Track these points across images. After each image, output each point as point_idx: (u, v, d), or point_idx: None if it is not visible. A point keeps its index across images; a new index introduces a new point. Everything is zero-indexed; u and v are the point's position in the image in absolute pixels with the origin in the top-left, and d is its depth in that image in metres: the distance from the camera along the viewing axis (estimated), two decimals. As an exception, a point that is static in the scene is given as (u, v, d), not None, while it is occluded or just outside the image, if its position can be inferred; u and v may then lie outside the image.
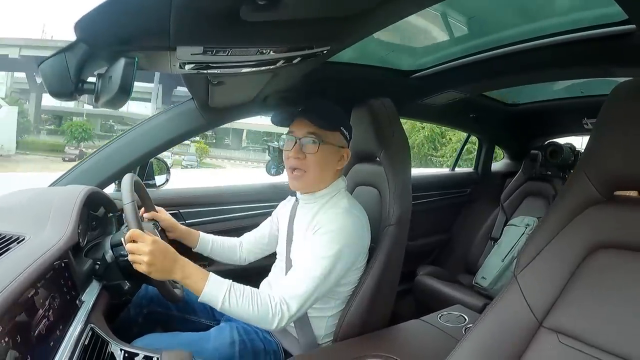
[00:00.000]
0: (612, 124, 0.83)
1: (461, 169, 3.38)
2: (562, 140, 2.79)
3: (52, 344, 0.83)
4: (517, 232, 2.50)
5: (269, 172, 2.23)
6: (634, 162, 0.77)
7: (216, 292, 1.10)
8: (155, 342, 1.19)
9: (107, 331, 1.06)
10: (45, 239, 0.97)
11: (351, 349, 1.30)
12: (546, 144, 2.70)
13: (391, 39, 1.73)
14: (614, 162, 0.81)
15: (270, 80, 1.36)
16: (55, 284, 0.91)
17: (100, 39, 0.78)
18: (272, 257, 1.55)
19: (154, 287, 1.20)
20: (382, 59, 1.87)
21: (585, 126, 2.62)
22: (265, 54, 1.00)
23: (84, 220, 1.28)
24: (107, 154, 1.61)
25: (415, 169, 2.09)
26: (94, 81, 0.82)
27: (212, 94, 1.43)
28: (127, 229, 1.14)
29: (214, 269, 1.89)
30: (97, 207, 1.44)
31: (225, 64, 1.05)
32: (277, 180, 2.21)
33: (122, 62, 0.75)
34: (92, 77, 0.82)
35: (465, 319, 1.60)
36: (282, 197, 1.63)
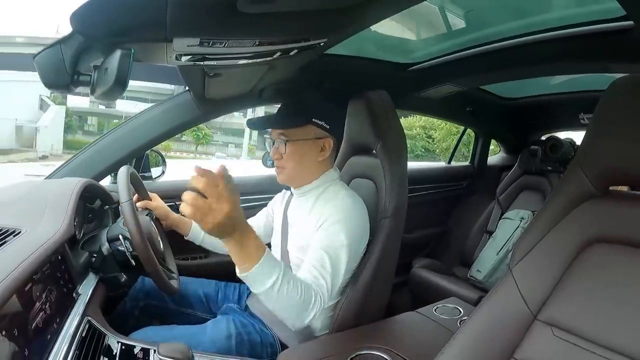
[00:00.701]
0: (609, 119, 0.83)
1: (457, 163, 3.38)
2: (561, 136, 2.79)
3: (49, 337, 0.83)
4: (512, 225, 2.51)
5: (265, 164, 2.24)
6: (629, 158, 0.77)
7: (269, 270, 0.99)
8: (152, 335, 1.20)
9: (104, 324, 1.07)
10: (41, 232, 0.97)
11: (347, 340, 1.31)
12: (546, 138, 2.69)
13: (388, 32, 1.72)
14: (609, 157, 0.81)
15: (267, 72, 1.36)
16: (51, 277, 0.91)
17: (96, 30, 0.77)
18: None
19: (151, 280, 1.20)
20: (379, 51, 1.87)
21: (581, 121, 2.62)
22: (262, 45, 1.00)
23: (80, 212, 1.27)
24: (103, 146, 1.61)
25: (411, 162, 2.09)
26: (90, 73, 0.81)
27: (208, 85, 1.42)
28: (123, 224, 1.14)
29: (209, 259, 1.89)
30: (93, 200, 1.44)
31: (221, 56, 1.04)
32: (274, 172, 2.21)
33: (118, 54, 0.74)
34: (88, 69, 0.82)
35: (460, 312, 1.61)
36: (278, 188, 1.63)
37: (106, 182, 1.68)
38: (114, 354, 1.00)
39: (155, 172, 1.90)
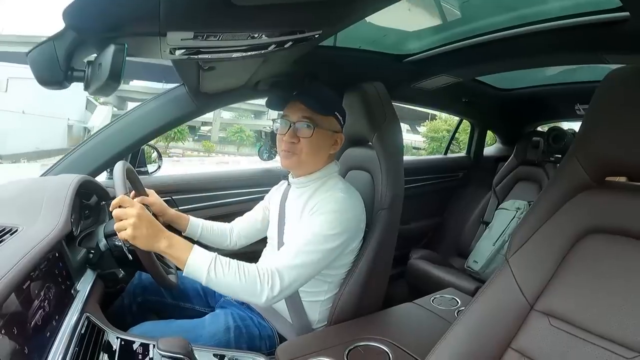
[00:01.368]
0: (604, 110, 0.83)
1: (454, 154, 3.39)
2: (563, 127, 2.80)
3: (48, 334, 0.83)
4: (508, 215, 2.52)
5: (261, 157, 2.23)
6: (625, 148, 0.78)
7: (201, 262, 1.07)
8: (150, 330, 1.20)
9: (103, 320, 1.07)
10: (38, 229, 0.96)
11: (345, 332, 1.32)
12: (549, 129, 2.70)
13: (384, 23, 1.71)
14: (605, 148, 0.81)
15: (261, 65, 1.35)
16: (49, 274, 0.91)
17: (89, 25, 0.76)
18: (263, 242, 1.55)
19: (148, 275, 1.20)
20: (374, 43, 1.86)
21: (577, 112, 2.63)
22: (256, 38, 0.99)
23: (77, 209, 1.27)
24: (99, 141, 1.60)
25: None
26: (83, 69, 0.80)
27: (203, 79, 1.42)
28: None
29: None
30: (89, 196, 1.43)
31: (216, 49, 1.04)
32: (269, 165, 2.21)
33: (111, 49, 0.74)
34: (82, 65, 0.81)
35: (457, 302, 1.62)
36: (274, 182, 1.63)
37: (102, 177, 1.67)
38: (114, 349, 1.00)
39: (151, 167, 1.90)
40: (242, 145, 28.04)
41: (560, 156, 2.57)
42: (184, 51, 0.99)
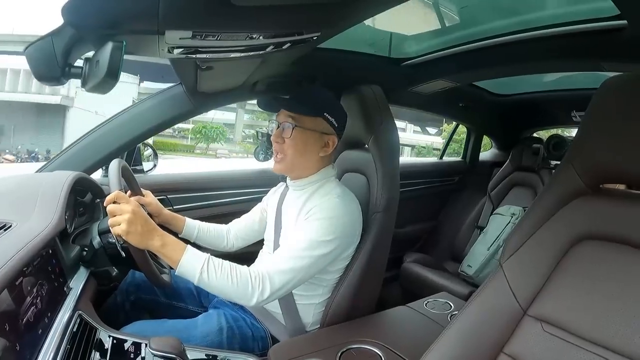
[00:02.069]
0: (600, 117, 0.84)
1: (449, 158, 3.40)
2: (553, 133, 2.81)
3: (40, 331, 0.83)
4: (503, 221, 2.53)
5: (257, 158, 2.22)
6: (620, 156, 0.78)
7: (194, 262, 1.08)
8: (142, 329, 1.19)
9: (96, 318, 1.06)
10: (32, 225, 0.96)
11: (338, 334, 1.32)
12: (549, 136, 2.71)
13: (382, 26, 1.72)
14: (600, 156, 0.82)
15: (259, 65, 1.35)
16: (42, 271, 0.90)
17: (87, 22, 0.76)
18: (259, 244, 1.55)
19: (142, 274, 1.19)
20: (372, 46, 1.86)
21: (573, 119, 2.65)
22: (254, 39, 0.99)
23: (71, 206, 1.26)
24: (94, 139, 1.59)
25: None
26: (81, 65, 0.80)
27: (200, 78, 1.41)
28: None
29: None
30: (84, 193, 1.43)
31: (214, 49, 1.04)
32: (265, 166, 2.20)
33: (109, 46, 0.74)
34: (80, 62, 0.81)
35: (450, 306, 1.63)
36: (271, 182, 1.63)
37: (97, 175, 1.66)
38: (106, 348, 1.00)
39: (147, 165, 1.89)
40: (214, 140, 28.30)
41: (558, 162, 2.58)
42: (182, 50, 0.99)
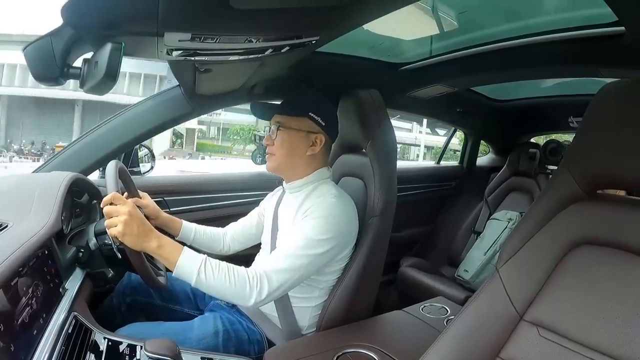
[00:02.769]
0: (598, 123, 0.84)
1: (447, 163, 3.40)
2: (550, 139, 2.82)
3: (35, 332, 0.82)
4: (499, 226, 2.53)
5: (255, 161, 2.23)
6: (617, 162, 0.78)
7: (191, 264, 1.08)
8: (138, 331, 1.19)
9: (91, 319, 1.06)
10: (28, 225, 0.95)
11: (334, 338, 1.32)
12: (545, 141, 2.71)
13: (381, 31, 1.72)
14: (597, 161, 0.82)
15: (258, 68, 1.36)
16: (38, 272, 0.90)
17: (87, 22, 0.76)
18: (257, 247, 1.55)
19: (138, 276, 1.19)
20: (371, 50, 1.87)
21: (571, 124, 2.66)
22: (253, 42, 0.99)
23: (68, 207, 1.26)
24: (92, 140, 1.58)
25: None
26: (80, 66, 0.80)
27: (199, 81, 1.42)
28: None
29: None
30: (81, 194, 1.42)
31: (213, 52, 1.04)
32: (263, 169, 2.20)
33: (108, 47, 0.74)
34: (79, 63, 0.81)
35: (447, 311, 1.63)
36: (267, 185, 1.63)
37: (94, 176, 1.66)
38: (101, 350, 0.99)
39: (144, 167, 1.89)
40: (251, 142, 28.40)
41: (555, 168, 2.59)
42: (181, 52, 0.99)
